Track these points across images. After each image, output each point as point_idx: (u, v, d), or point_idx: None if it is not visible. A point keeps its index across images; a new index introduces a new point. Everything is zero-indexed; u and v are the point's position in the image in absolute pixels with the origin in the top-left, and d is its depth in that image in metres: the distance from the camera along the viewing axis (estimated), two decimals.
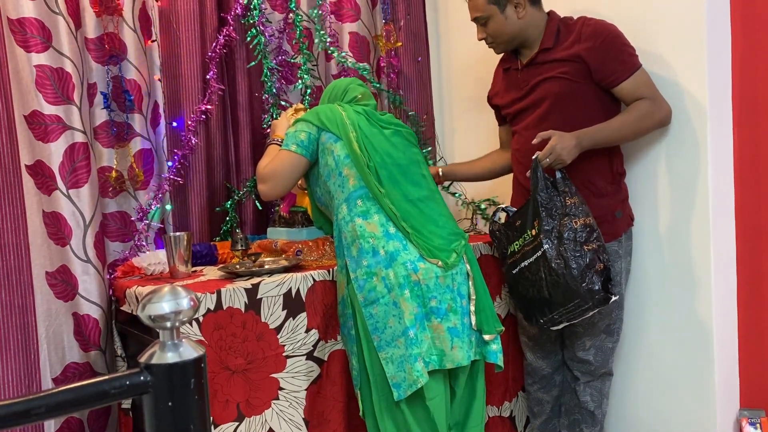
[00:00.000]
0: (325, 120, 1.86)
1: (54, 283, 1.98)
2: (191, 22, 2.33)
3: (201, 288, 1.78)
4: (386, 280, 1.74)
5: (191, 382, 0.69)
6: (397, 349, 1.73)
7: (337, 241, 1.85)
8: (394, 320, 1.74)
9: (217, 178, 2.44)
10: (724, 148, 2.08)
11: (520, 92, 2.10)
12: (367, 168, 1.81)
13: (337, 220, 1.85)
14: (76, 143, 1.99)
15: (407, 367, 1.71)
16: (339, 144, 1.84)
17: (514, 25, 2.02)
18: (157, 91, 2.26)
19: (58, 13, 1.96)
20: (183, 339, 0.71)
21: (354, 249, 1.78)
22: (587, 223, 1.88)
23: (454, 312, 1.79)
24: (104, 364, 2.06)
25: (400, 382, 1.72)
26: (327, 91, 2.09)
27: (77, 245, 1.99)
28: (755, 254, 2.12)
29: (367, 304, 1.76)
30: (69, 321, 2.00)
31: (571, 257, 1.84)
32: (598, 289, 1.84)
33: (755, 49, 2.06)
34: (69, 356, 2.00)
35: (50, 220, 1.97)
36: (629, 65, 1.96)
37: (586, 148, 1.93)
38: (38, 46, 1.92)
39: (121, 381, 0.66)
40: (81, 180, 2.00)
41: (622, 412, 2.30)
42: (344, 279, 1.82)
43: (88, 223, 2.01)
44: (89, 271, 2.01)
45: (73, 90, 1.98)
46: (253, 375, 1.80)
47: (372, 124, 1.90)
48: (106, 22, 2.10)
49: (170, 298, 0.70)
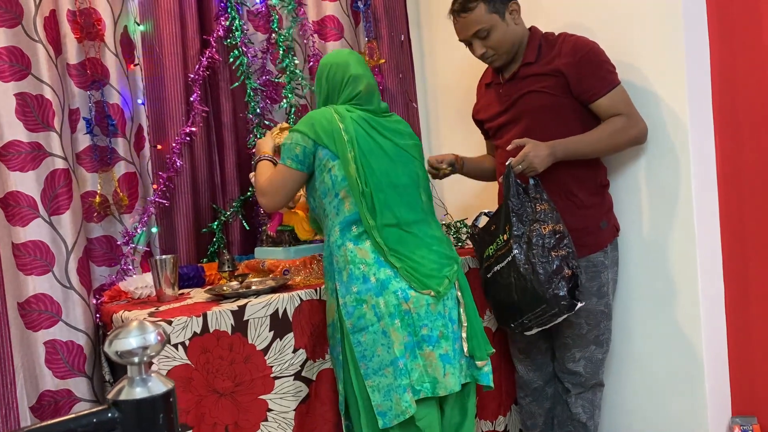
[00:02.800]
0: (322, 133, 1.77)
1: (23, 314, 1.96)
2: (174, 44, 2.35)
3: (187, 311, 1.78)
4: (376, 308, 1.71)
5: (160, 417, 0.69)
6: (384, 378, 1.71)
7: (327, 262, 1.82)
8: (382, 349, 1.71)
9: (203, 199, 2.44)
10: (706, 156, 2.10)
11: (502, 106, 2.11)
12: (362, 196, 1.74)
13: (329, 240, 1.81)
14: (57, 170, 2.00)
15: (395, 397, 1.69)
16: (336, 163, 1.76)
17: (514, 32, 2.02)
18: (141, 114, 2.27)
19: (37, 40, 1.97)
20: (152, 373, 0.71)
21: (344, 274, 1.74)
22: (557, 230, 1.89)
23: (446, 338, 1.76)
24: (90, 390, 2.04)
25: (385, 410, 1.70)
26: (323, 75, 1.90)
27: (60, 272, 2.00)
28: (741, 260, 2.12)
29: (356, 331, 1.73)
30: (41, 350, 1.98)
31: (538, 263, 1.85)
32: (563, 294, 1.84)
33: (733, 56, 2.08)
34: (42, 385, 1.98)
35: (20, 251, 1.96)
36: (607, 82, 1.97)
37: (560, 158, 1.94)
38: (16, 74, 1.93)
39: (88, 419, 0.66)
40: (62, 206, 2.00)
41: (614, 422, 2.30)
42: (334, 302, 1.79)
43: (71, 249, 2.01)
44: (72, 297, 2.01)
45: (53, 117, 1.99)
46: (241, 397, 1.79)
47: (372, 137, 1.80)
48: (88, 48, 2.11)
49: (137, 333, 0.70)
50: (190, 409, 1.70)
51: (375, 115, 1.86)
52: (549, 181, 1.98)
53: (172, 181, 2.33)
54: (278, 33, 2.53)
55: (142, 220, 2.21)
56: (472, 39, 2.03)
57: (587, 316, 2.06)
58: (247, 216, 2.52)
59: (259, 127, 2.50)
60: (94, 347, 2.05)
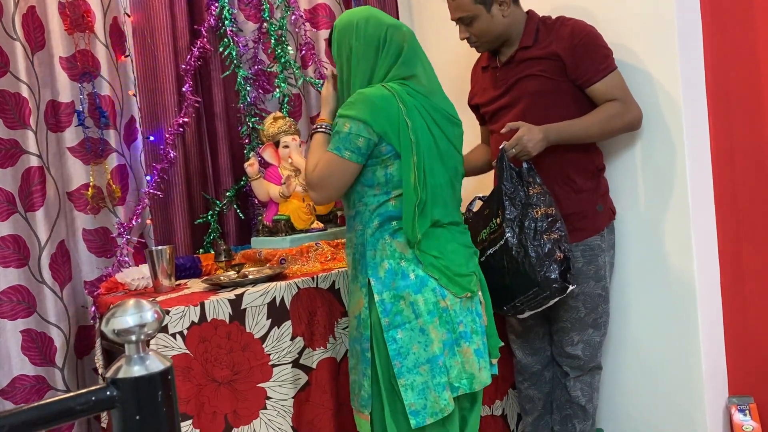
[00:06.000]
0: (389, 128, 1.60)
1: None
2: (164, 35, 2.33)
3: (185, 301, 1.77)
4: (414, 305, 1.62)
5: (159, 395, 0.68)
6: (419, 376, 1.64)
7: (358, 253, 1.69)
8: (419, 347, 1.63)
9: (197, 190, 2.43)
10: (700, 139, 2.10)
11: (499, 90, 2.11)
12: (415, 209, 1.61)
13: (363, 231, 1.68)
14: (32, 167, 2.05)
15: (432, 396, 1.64)
16: (397, 163, 1.62)
17: (499, 24, 2.02)
18: (132, 106, 2.26)
19: (15, 38, 1.98)
20: (150, 352, 0.71)
21: (381, 269, 1.64)
22: (549, 213, 1.89)
23: (476, 333, 1.72)
24: (62, 381, 2.12)
25: (419, 409, 1.63)
26: (352, 35, 1.67)
27: (34, 266, 2.07)
28: (736, 241, 2.13)
29: (391, 328, 1.63)
30: (16, 337, 2.07)
31: (530, 246, 1.85)
32: (555, 277, 1.84)
33: (726, 40, 2.08)
34: (17, 370, 2.07)
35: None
36: (603, 66, 1.97)
37: (553, 142, 1.94)
38: None
39: (86, 397, 0.66)
40: (36, 203, 2.06)
41: (612, 405, 2.31)
42: (363, 298, 1.67)
43: (43, 245, 2.07)
44: (44, 291, 2.08)
45: (29, 115, 2.02)
46: (240, 385, 1.79)
47: (431, 130, 1.66)
48: (77, 39, 2.10)
49: (134, 312, 0.69)
50: (190, 398, 1.70)
51: (428, 97, 1.70)
52: (545, 165, 1.97)
53: (166, 172, 2.32)
54: (269, 22, 2.52)
55: (137, 212, 2.21)
56: (457, 22, 2.05)
57: (585, 300, 2.07)
58: (241, 206, 2.51)
59: (251, 116, 2.49)
60: (66, 340, 2.12)
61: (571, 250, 1.92)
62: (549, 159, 1.97)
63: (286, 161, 2.26)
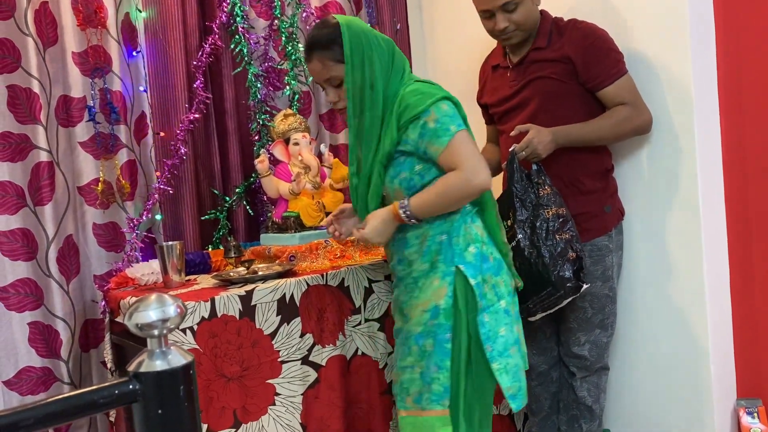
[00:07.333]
0: (465, 117, 1.66)
1: (5, 297, 2.07)
2: (176, 31, 2.34)
3: (195, 296, 1.78)
4: (496, 287, 1.66)
5: (180, 389, 0.69)
6: (511, 359, 1.66)
7: (436, 245, 1.66)
8: (506, 329, 1.66)
9: (206, 186, 2.44)
10: (711, 140, 2.09)
11: (511, 90, 2.10)
12: None
13: (445, 219, 1.66)
14: (42, 162, 2.06)
15: (523, 377, 1.68)
16: None
17: (536, 13, 2.01)
18: (143, 102, 2.27)
19: (28, 34, 1.99)
20: (171, 346, 0.71)
21: (468, 254, 1.65)
22: (560, 213, 1.90)
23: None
24: (67, 374, 2.14)
25: (515, 392, 1.66)
26: (369, 40, 1.65)
27: (41, 260, 2.09)
28: (746, 243, 2.13)
29: (481, 312, 1.64)
30: (23, 329, 2.09)
31: (543, 246, 1.86)
32: (569, 276, 1.85)
33: (738, 39, 2.07)
34: (23, 362, 2.09)
35: (7, 238, 2.05)
36: (614, 70, 1.97)
37: (562, 145, 1.94)
38: (7, 66, 1.98)
39: (109, 390, 0.66)
40: (45, 198, 2.08)
41: (619, 405, 2.30)
42: (447, 287, 1.64)
43: (51, 239, 2.09)
44: (51, 285, 2.11)
45: (39, 110, 2.04)
46: (249, 381, 1.80)
47: None
48: (90, 35, 2.11)
49: (157, 306, 0.70)
50: (199, 393, 1.70)
51: None
52: (554, 166, 1.97)
53: (176, 168, 2.33)
54: (280, 19, 2.52)
55: (147, 207, 2.22)
56: (497, 11, 1.97)
57: (592, 300, 2.07)
58: (250, 202, 2.51)
59: (261, 113, 2.49)
60: (71, 335, 2.14)
61: (583, 250, 1.92)
62: (557, 160, 1.96)
63: (296, 158, 2.26)
